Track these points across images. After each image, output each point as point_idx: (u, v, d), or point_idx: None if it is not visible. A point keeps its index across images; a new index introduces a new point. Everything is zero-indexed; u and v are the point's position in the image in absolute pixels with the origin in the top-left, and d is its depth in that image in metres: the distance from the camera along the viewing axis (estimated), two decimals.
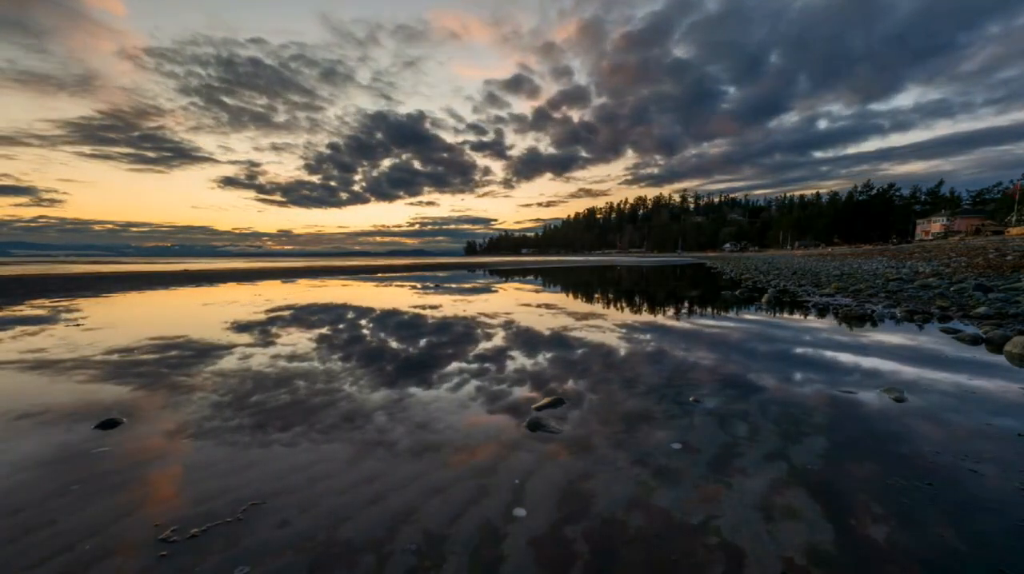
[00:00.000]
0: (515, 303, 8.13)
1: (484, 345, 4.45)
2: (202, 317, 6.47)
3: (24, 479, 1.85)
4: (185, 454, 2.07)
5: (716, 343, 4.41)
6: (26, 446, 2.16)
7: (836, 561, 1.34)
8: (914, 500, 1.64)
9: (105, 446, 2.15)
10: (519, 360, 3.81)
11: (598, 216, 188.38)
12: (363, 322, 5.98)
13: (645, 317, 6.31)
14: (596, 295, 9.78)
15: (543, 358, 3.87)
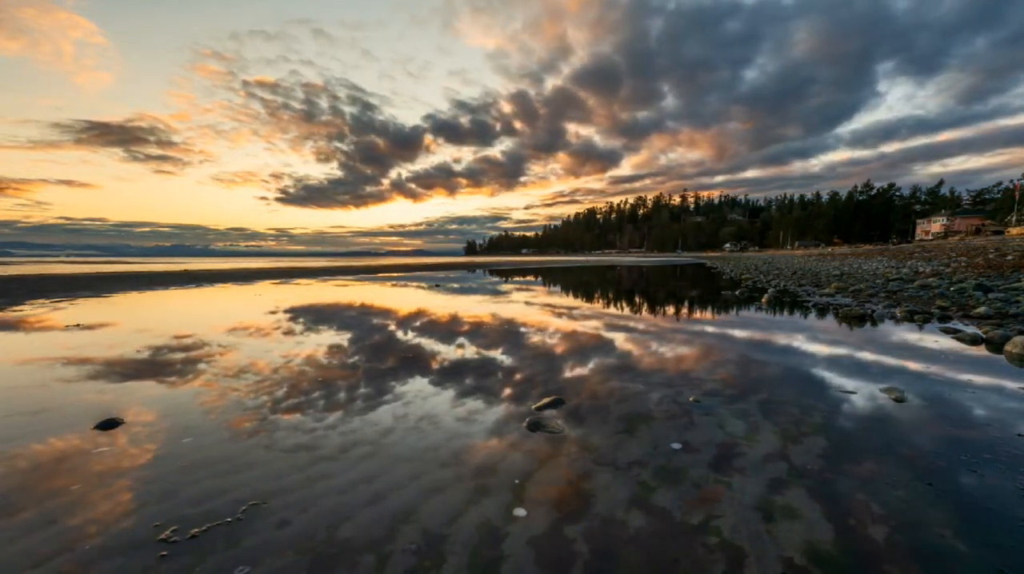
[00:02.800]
0: (512, 303, 8.13)
1: (481, 344, 4.45)
2: (201, 318, 6.47)
3: (24, 479, 1.85)
4: (185, 454, 2.07)
5: (716, 343, 4.41)
6: (27, 446, 2.16)
7: (836, 561, 1.34)
8: (914, 500, 1.64)
9: (105, 446, 2.15)
10: (518, 360, 3.81)
11: (598, 216, 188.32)
12: (361, 323, 5.98)
13: (644, 316, 6.31)
14: (595, 295, 9.78)
15: (542, 358, 3.87)
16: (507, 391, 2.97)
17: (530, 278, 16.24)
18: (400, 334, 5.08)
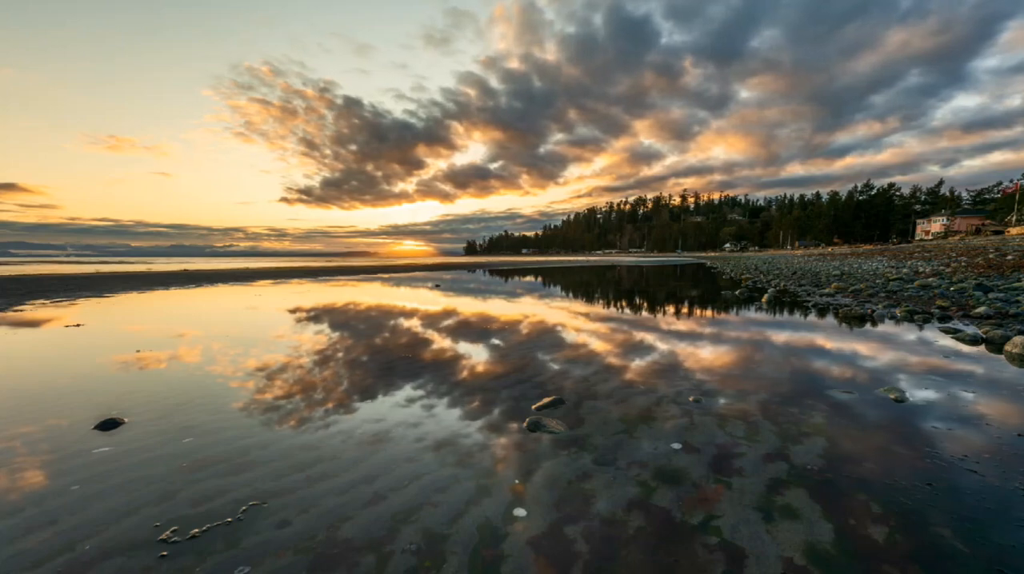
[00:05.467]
0: (512, 303, 8.13)
1: (481, 344, 4.45)
2: (201, 318, 6.47)
3: (24, 479, 1.85)
4: (185, 454, 2.07)
5: (715, 344, 4.41)
6: (27, 446, 2.16)
7: (836, 561, 1.34)
8: (914, 500, 1.64)
9: (105, 446, 2.15)
10: (518, 360, 3.81)
11: (598, 216, 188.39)
12: (358, 323, 5.98)
13: (643, 316, 6.30)
14: (595, 295, 9.78)
15: (542, 358, 3.87)
16: (507, 391, 2.97)
17: (529, 278, 16.24)
18: (397, 334, 5.08)
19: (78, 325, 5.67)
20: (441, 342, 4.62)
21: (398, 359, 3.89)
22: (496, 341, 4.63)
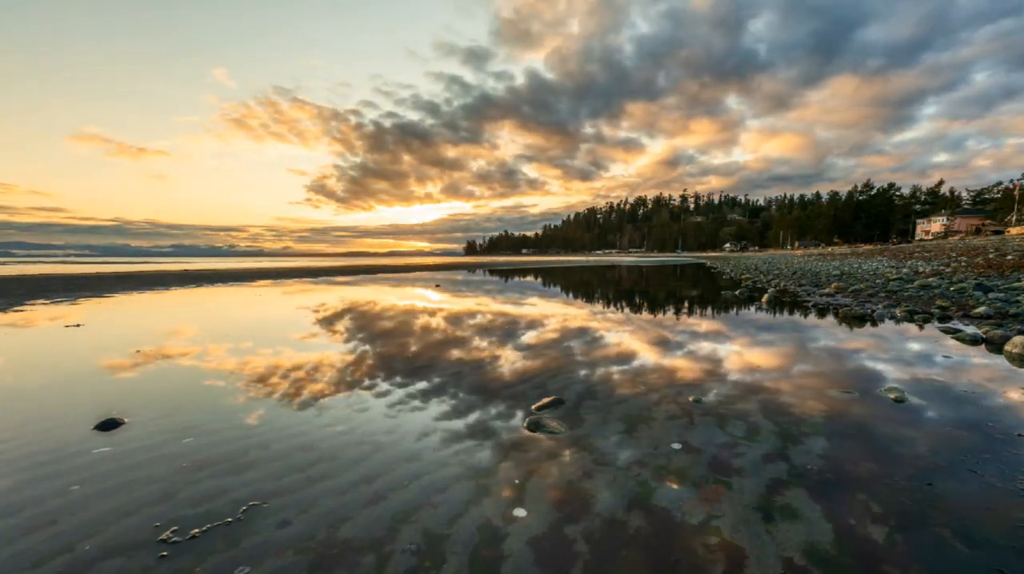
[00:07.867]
0: (514, 303, 8.13)
1: (480, 344, 4.44)
2: (200, 317, 6.47)
3: (24, 479, 1.85)
4: (185, 454, 2.07)
5: (715, 344, 4.41)
6: (27, 446, 2.16)
7: (836, 561, 1.34)
8: (914, 500, 1.64)
9: (105, 446, 2.15)
10: (519, 361, 3.81)
11: (598, 216, 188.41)
12: (358, 323, 5.97)
13: (643, 316, 6.30)
14: (595, 295, 9.78)
15: (542, 358, 3.87)
16: (507, 391, 2.97)
17: (529, 278, 16.24)
18: (396, 334, 5.08)
19: (78, 325, 5.67)
20: (440, 342, 4.61)
21: (396, 359, 3.89)
22: (495, 341, 4.63)
